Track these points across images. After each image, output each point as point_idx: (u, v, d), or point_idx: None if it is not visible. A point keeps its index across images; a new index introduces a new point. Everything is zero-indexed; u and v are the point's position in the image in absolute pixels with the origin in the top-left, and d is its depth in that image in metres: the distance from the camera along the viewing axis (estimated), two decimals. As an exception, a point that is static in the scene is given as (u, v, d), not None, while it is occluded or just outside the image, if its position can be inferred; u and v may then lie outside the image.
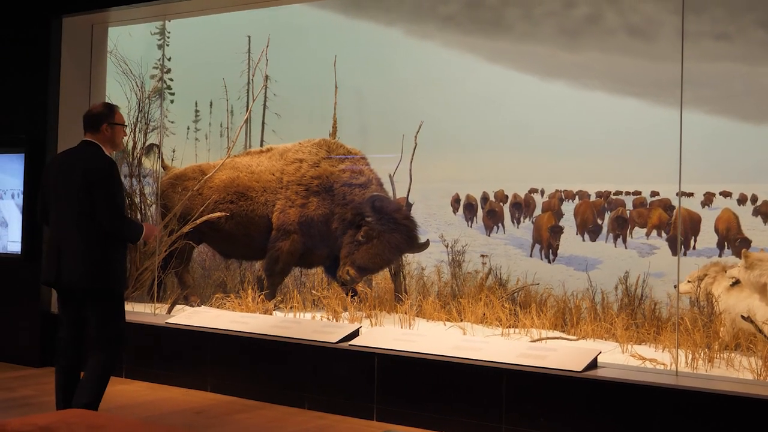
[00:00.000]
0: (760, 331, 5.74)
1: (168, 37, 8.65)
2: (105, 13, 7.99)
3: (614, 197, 7.17)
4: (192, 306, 7.93)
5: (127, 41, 8.53)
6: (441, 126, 7.58)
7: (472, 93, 7.57)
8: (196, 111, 8.75)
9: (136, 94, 8.58)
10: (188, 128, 8.74)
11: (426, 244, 7.56)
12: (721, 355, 5.90)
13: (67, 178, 5.26)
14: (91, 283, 5.23)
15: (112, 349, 5.32)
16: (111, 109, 5.46)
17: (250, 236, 7.97)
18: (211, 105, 8.70)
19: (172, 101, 8.67)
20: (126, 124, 5.64)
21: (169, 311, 7.75)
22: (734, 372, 5.71)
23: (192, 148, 8.69)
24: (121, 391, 6.76)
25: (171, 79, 8.67)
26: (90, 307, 5.33)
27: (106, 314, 5.32)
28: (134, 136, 8.62)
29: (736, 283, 5.99)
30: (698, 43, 6.23)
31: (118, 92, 8.46)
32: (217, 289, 8.32)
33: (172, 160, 8.68)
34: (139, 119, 8.60)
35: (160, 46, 8.63)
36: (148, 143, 8.51)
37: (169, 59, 8.63)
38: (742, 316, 5.90)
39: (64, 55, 7.99)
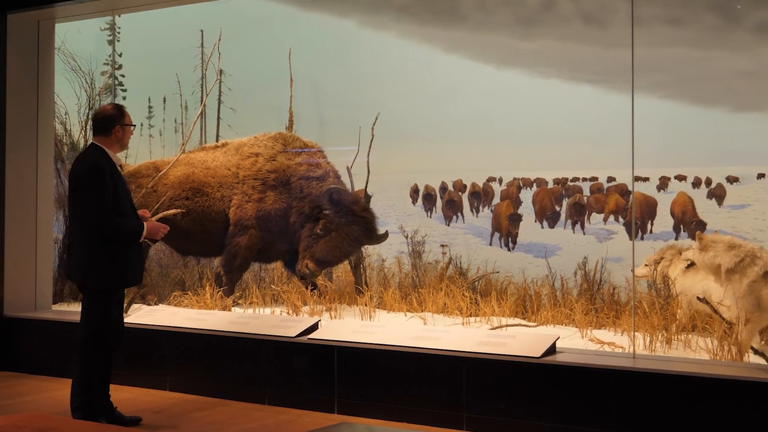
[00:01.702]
0: (716, 311, 5.77)
1: (118, 33, 8.53)
2: (51, 9, 7.84)
3: (571, 184, 7.19)
4: (149, 305, 7.84)
5: (76, 37, 8.40)
6: (398, 117, 7.55)
7: (429, 83, 7.55)
8: (149, 107, 8.64)
9: (86, 91, 8.45)
10: (141, 124, 8.62)
11: (385, 236, 7.53)
12: (678, 336, 5.94)
13: (68, 181, 5.62)
14: (77, 278, 5.60)
15: (86, 347, 5.54)
16: (121, 111, 5.68)
17: (207, 232, 7.88)
18: (164, 101, 8.59)
19: (124, 98, 8.55)
20: (132, 123, 5.72)
21: (126, 310, 7.64)
22: (691, 353, 5.75)
23: (146, 145, 8.59)
24: (79, 392, 6.67)
25: (122, 75, 8.55)
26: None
27: (86, 311, 5.60)
28: (85, 134, 8.51)
29: (691, 265, 6.02)
30: (650, 28, 6.26)
31: (67, 89, 8.34)
32: (175, 287, 8.22)
33: (126, 157, 8.56)
34: (89, 117, 8.47)
35: (110, 42, 8.51)
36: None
37: (120, 55, 8.52)
38: (698, 298, 5.94)
39: (9, 53, 7.83)
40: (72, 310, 8.06)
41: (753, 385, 4.96)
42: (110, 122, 5.58)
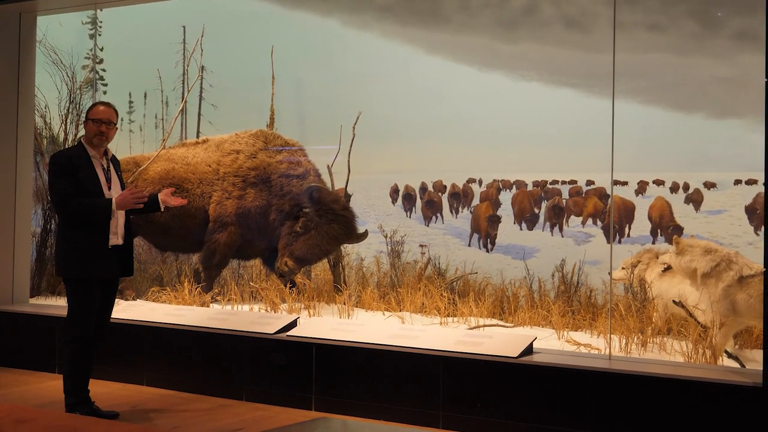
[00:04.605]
0: (691, 315, 5.84)
1: (100, 27, 8.49)
2: (34, 2, 7.81)
3: (551, 186, 7.23)
4: (127, 300, 7.81)
5: (58, 31, 8.37)
6: (379, 117, 7.56)
7: (411, 84, 7.57)
8: (130, 102, 8.61)
9: (67, 84, 8.43)
10: (122, 119, 8.58)
11: (364, 235, 7.55)
12: (654, 339, 5.99)
13: None
14: (55, 270, 5.79)
15: (63, 337, 5.71)
16: (91, 106, 5.81)
17: (187, 228, 7.87)
18: (145, 96, 8.57)
19: (105, 92, 8.52)
20: (96, 118, 5.66)
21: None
22: (666, 355, 5.81)
23: (126, 140, 8.55)
24: (57, 386, 6.61)
25: (104, 70, 8.52)
26: None
27: (68, 303, 5.65)
28: (65, 128, 8.48)
29: (668, 268, 6.08)
30: (632, 34, 6.31)
31: (48, 83, 8.31)
32: (153, 282, 8.20)
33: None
34: (70, 110, 8.45)
35: (92, 36, 8.48)
36: (80, 135, 8.35)
37: (101, 49, 8.48)
38: (674, 301, 6.00)
39: (-9, 45, 7.83)
40: (49, 304, 8.03)
41: (726, 387, 5.02)
42: (85, 116, 5.79)
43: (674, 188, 6.65)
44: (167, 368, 6.77)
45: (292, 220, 7.50)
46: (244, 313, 7.04)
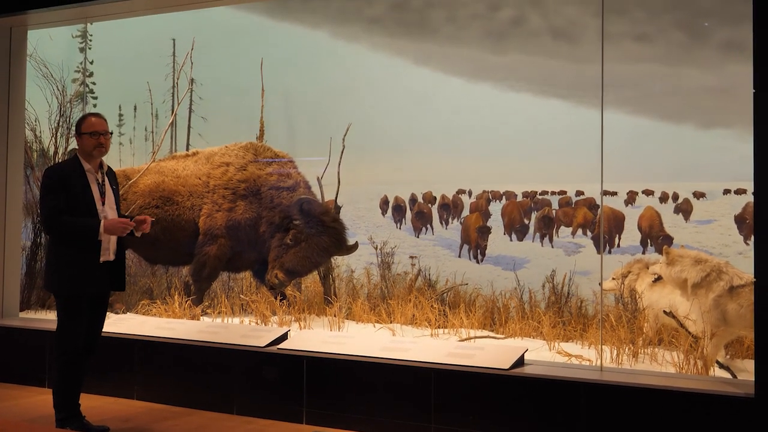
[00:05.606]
0: (682, 325, 5.85)
1: (90, 40, 8.49)
2: (24, 16, 7.80)
3: (540, 197, 7.24)
4: (117, 313, 7.80)
5: (48, 44, 8.36)
6: (369, 128, 7.57)
7: (400, 95, 7.58)
8: (120, 115, 8.60)
9: (57, 98, 8.41)
10: (112, 132, 8.56)
11: (354, 247, 7.55)
12: (645, 350, 6.00)
13: None
14: (44, 283, 5.74)
15: (54, 352, 5.59)
16: (81, 119, 5.70)
17: (177, 241, 7.86)
18: (135, 109, 8.56)
19: (95, 105, 8.51)
20: (92, 131, 5.58)
21: (94, 319, 7.59)
22: (657, 366, 5.82)
23: (116, 153, 8.54)
24: (47, 401, 6.59)
25: (94, 83, 8.51)
26: None
27: (57, 317, 5.61)
28: (56, 141, 8.46)
29: (659, 279, 6.10)
30: (619, 44, 6.33)
31: (38, 96, 8.29)
32: (143, 295, 8.18)
33: (96, 165, 8.51)
34: (60, 124, 8.43)
35: (82, 49, 8.47)
36: (70, 148, 8.35)
37: (91, 62, 8.48)
38: (665, 311, 6.01)
39: (-19, 59, 7.82)
40: (39, 318, 7.99)
41: (718, 398, 5.03)
42: (76, 131, 5.69)
43: (663, 198, 6.66)
44: (158, 382, 6.75)
45: (283, 233, 7.50)
46: (234, 326, 7.03)
